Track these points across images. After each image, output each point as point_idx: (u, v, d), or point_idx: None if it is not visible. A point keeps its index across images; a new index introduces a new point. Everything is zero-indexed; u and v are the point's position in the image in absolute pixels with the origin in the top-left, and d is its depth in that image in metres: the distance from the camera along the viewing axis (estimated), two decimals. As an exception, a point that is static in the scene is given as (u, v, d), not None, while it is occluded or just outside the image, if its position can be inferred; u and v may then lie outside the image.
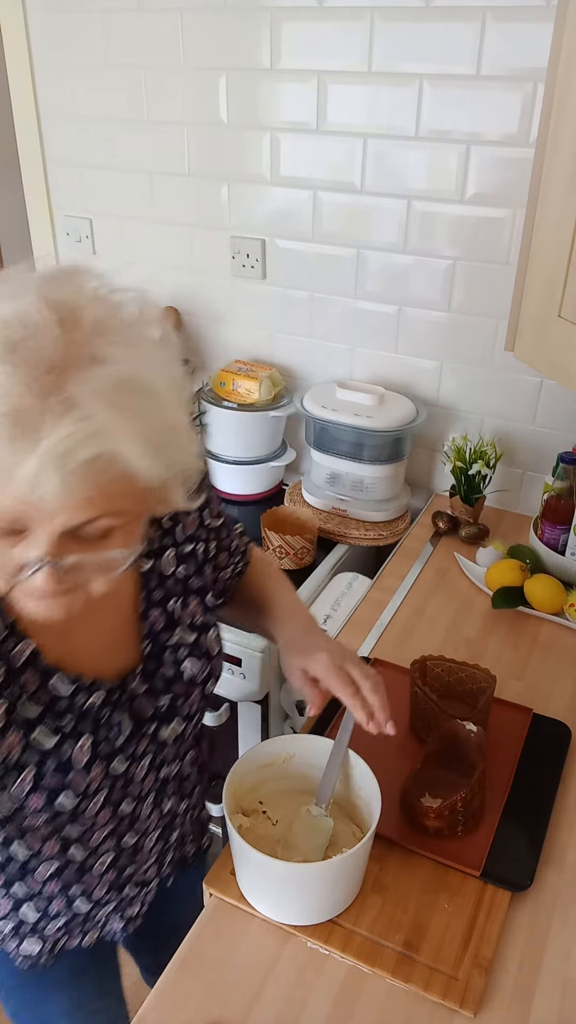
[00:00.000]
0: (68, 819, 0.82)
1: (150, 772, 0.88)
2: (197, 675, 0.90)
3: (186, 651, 0.89)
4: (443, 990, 0.85)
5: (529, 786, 1.08)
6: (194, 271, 1.92)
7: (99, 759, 0.81)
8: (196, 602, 0.92)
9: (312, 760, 0.98)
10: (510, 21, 1.38)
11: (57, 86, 1.88)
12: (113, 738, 0.83)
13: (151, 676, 0.87)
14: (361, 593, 1.52)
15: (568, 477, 1.47)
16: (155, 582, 0.88)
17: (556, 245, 1.12)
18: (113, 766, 0.83)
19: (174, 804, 0.97)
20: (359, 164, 1.62)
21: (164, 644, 0.88)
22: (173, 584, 0.90)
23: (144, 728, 0.86)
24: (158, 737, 0.87)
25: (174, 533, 0.92)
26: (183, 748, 0.94)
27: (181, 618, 0.90)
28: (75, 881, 0.91)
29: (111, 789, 0.84)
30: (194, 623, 0.91)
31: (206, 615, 0.93)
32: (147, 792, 0.90)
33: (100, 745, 0.81)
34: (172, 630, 0.89)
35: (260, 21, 1.58)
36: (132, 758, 0.85)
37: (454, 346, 1.70)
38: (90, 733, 0.80)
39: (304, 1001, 0.86)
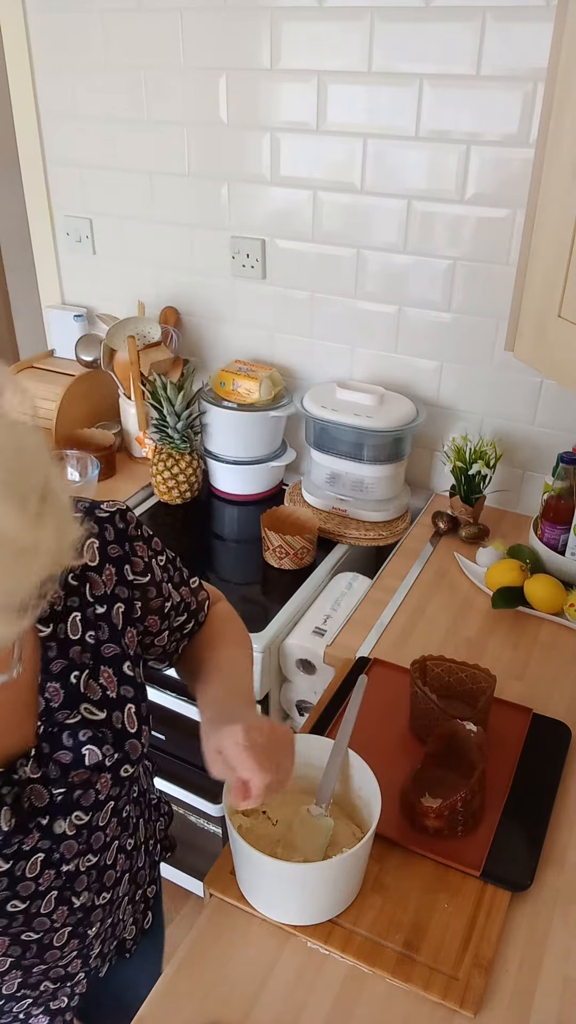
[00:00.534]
0: None
1: (46, 869, 0.77)
2: (103, 761, 0.78)
3: (88, 733, 0.77)
4: (443, 990, 0.85)
5: (529, 786, 1.08)
6: (194, 271, 1.92)
7: None
8: (109, 673, 0.79)
9: (312, 760, 0.98)
10: (510, 21, 1.39)
11: (57, 86, 1.88)
12: None
13: (45, 761, 0.75)
14: (361, 593, 1.53)
15: (568, 477, 1.47)
16: (54, 651, 0.76)
17: (556, 245, 1.12)
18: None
19: (88, 899, 0.84)
20: (359, 164, 1.62)
21: (62, 723, 0.76)
22: (78, 653, 0.78)
23: (34, 821, 0.75)
24: (51, 831, 0.76)
25: (82, 592, 0.79)
26: (99, 838, 0.82)
27: (90, 690, 0.78)
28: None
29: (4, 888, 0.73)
30: (106, 696, 0.79)
31: (121, 688, 0.80)
32: (45, 890, 0.78)
33: None
34: (73, 707, 0.77)
35: (260, 21, 1.58)
36: (15, 856, 0.74)
37: (454, 346, 1.70)
38: None
39: (304, 1001, 0.86)
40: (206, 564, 1.66)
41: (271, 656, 1.45)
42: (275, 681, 1.51)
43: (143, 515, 1.82)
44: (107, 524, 0.82)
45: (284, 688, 1.53)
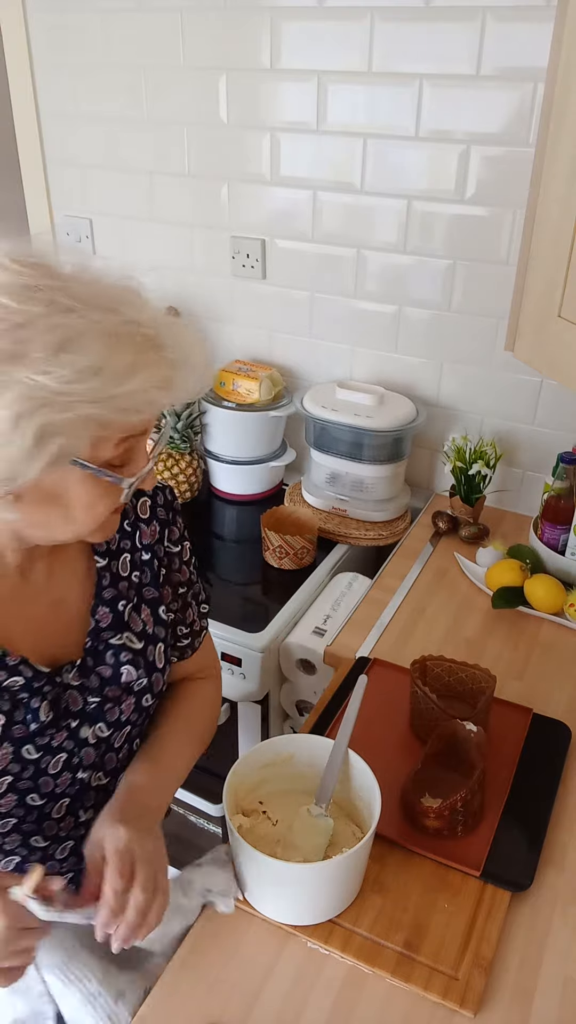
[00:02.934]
0: None
1: (65, 771, 0.86)
2: (133, 683, 0.89)
3: (128, 656, 0.88)
4: (443, 990, 0.85)
5: (529, 786, 1.08)
6: (194, 271, 1.92)
7: (9, 740, 0.80)
8: (148, 612, 0.92)
9: (312, 760, 0.98)
10: (510, 21, 1.38)
11: (57, 86, 1.88)
12: (27, 723, 0.81)
13: (87, 672, 0.86)
14: (361, 593, 1.52)
15: (568, 477, 1.47)
16: (108, 580, 0.89)
17: (556, 245, 1.12)
18: (23, 751, 0.81)
19: (92, 818, 0.89)
20: (359, 164, 1.62)
21: (107, 642, 0.88)
22: (127, 587, 0.90)
23: (64, 721, 0.85)
24: (78, 735, 0.86)
25: (133, 537, 0.92)
26: (111, 760, 0.91)
27: (132, 621, 0.90)
28: None
29: (17, 776, 0.82)
30: (144, 631, 0.91)
31: (156, 628, 0.92)
32: (60, 793, 0.87)
33: (14, 727, 0.81)
34: (118, 631, 0.89)
35: (260, 21, 1.58)
36: (45, 749, 0.83)
37: (454, 346, 1.70)
38: (5, 711, 0.80)
39: (304, 1001, 0.86)
40: (206, 564, 1.66)
41: (271, 656, 1.45)
42: (275, 681, 1.51)
43: (143, 515, 1.82)
44: (159, 491, 0.96)
45: (284, 688, 1.53)
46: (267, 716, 1.53)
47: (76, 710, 0.86)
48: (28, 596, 0.83)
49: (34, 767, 0.83)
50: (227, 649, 1.44)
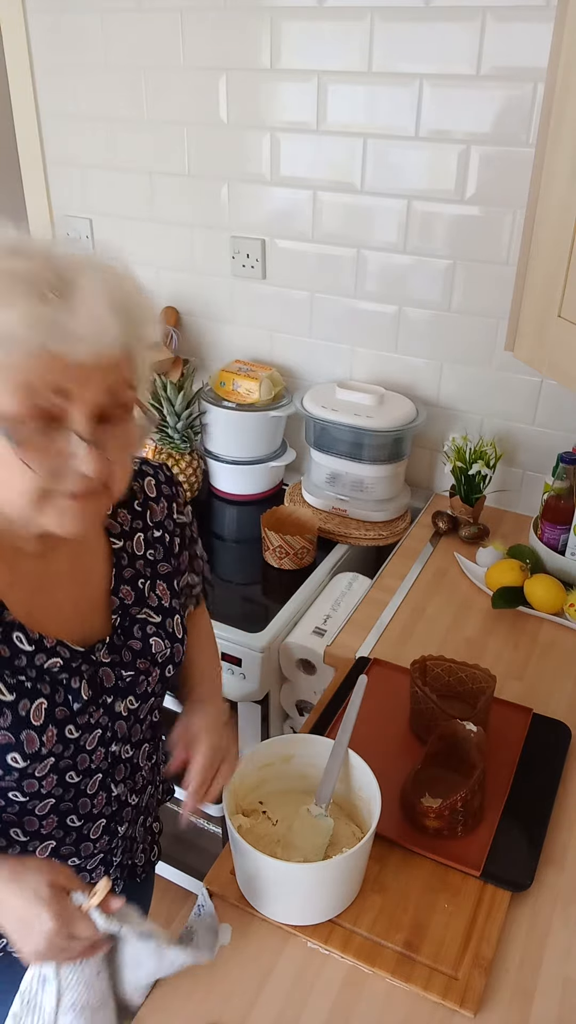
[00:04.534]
0: (14, 784, 0.80)
1: (99, 746, 0.88)
2: (160, 653, 0.92)
3: (153, 628, 0.92)
4: (443, 990, 0.85)
5: (529, 786, 1.08)
6: (194, 271, 1.92)
7: (53, 722, 0.81)
8: (164, 586, 0.95)
9: (312, 760, 0.98)
10: (510, 21, 1.39)
11: (57, 86, 1.88)
12: (69, 703, 0.83)
13: (118, 649, 0.89)
14: (361, 593, 1.52)
15: (568, 477, 1.47)
16: (126, 560, 0.92)
17: (556, 245, 1.12)
18: (66, 731, 0.83)
19: (123, 792, 0.95)
20: (359, 164, 1.62)
21: (134, 617, 0.91)
22: (143, 566, 0.94)
23: (101, 698, 0.87)
24: (113, 709, 0.88)
25: (144, 517, 0.96)
26: (136, 732, 0.94)
27: (150, 598, 0.93)
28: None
29: (60, 756, 0.83)
30: (161, 605, 0.94)
31: (172, 601, 0.96)
32: (95, 768, 0.89)
33: (56, 708, 0.82)
34: (141, 606, 0.92)
35: (260, 21, 1.58)
36: (85, 727, 0.85)
37: (454, 346, 1.70)
38: (47, 695, 0.81)
39: (304, 1001, 0.86)
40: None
41: (271, 656, 1.45)
42: (275, 681, 1.51)
43: (143, 515, 1.82)
44: (159, 469, 1.00)
45: (284, 688, 1.53)
46: (267, 716, 1.53)
47: (110, 686, 0.88)
48: (53, 581, 0.85)
49: (74, 746, 0.84)
50: (227, 649, 1.44)
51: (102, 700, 0.87)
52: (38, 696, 0.80)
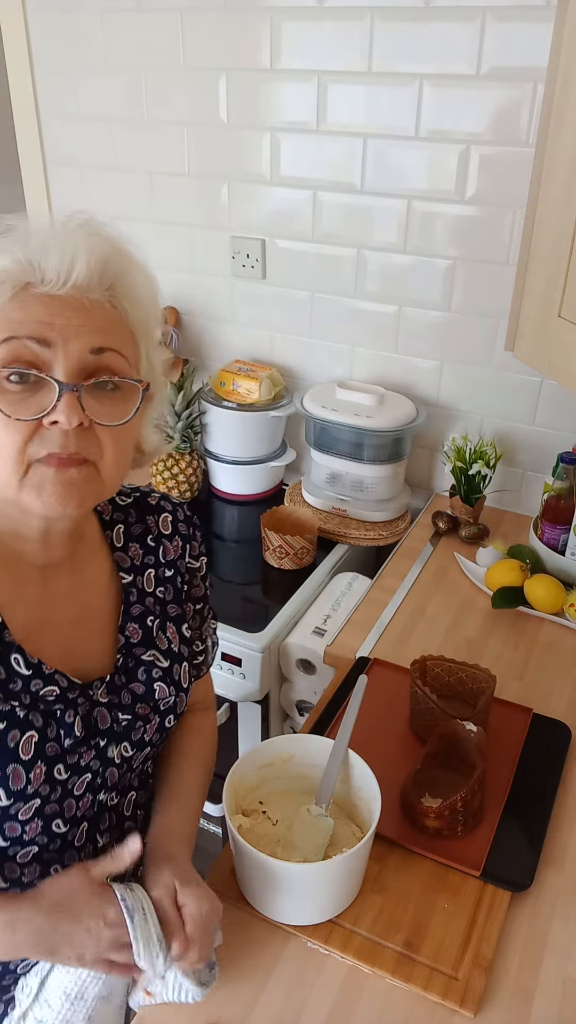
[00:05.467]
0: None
1: (88, 792, 0.82)
2: (162, 701, 0.88)
3: (160, 673, 0.88)
4: (443, 990, 0.85)
5: (529, 786, 1.08)
6: (194, 271, 1.92)
7: (42, 758, 0.77)
8: (173, 629, 0.91)
9: (312, 760, 0.98)
10: (510, 21, 1.39)
11: (57, 86, 1.88)
12: (60, 739, 0.79)
13: (118, 690, 0.85)
14: (361, 593, 1.52)
15: (568, 477, 1.47)
16: (135, 596, 0.89)
17: (556, 245, 1.12)
18: (55, 770, 0.78)
19: (108, 842, 0.88)
20: (359, 164, 1.62)
21: (139, 658, 0.87)
22: (152, 603, 0.90)
23: (94, 739, 0.82)
24: (106, 754, 0.83)
25: (157, 553, 0.92)
26: (125, 780, 0.88)
27: (158, 639, 0.89)
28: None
29: (46, 799, 0.78)
30: (171, 649, 0.90)
31: (181, 646, 0.91)
32: (81, 816, 0.83)
33: (47, 744, 0.77)
34: (148, 648, 0.88)
35: (260, 21, 1.58)
36: (74, 769, 0.80)
37: (454, 346, 1.70)
38: (38, 727, 0.77)
39: (304, 1001, 0.86)
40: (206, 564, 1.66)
41: (271, 656, 1.45)
42: (275, 681, 1.51)
43: (143, 515, 1.82)
44: (178, 507, 0.97)
45: (284, 688, 1.53)
46: (267, 716, 1.53)
47: (104, 728, 0.83)
48: (52, 605, 0.81)
49: (62, 788, 0.79)
50: (227, 649, 1.44)
51: (94, 742, 0.82)
52: (29, 728, 0.76)
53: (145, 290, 0.79)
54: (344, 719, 1.00)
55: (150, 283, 0.80)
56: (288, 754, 0.99)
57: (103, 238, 0.77)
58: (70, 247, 0.72)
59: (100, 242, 0.76)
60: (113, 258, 0.76)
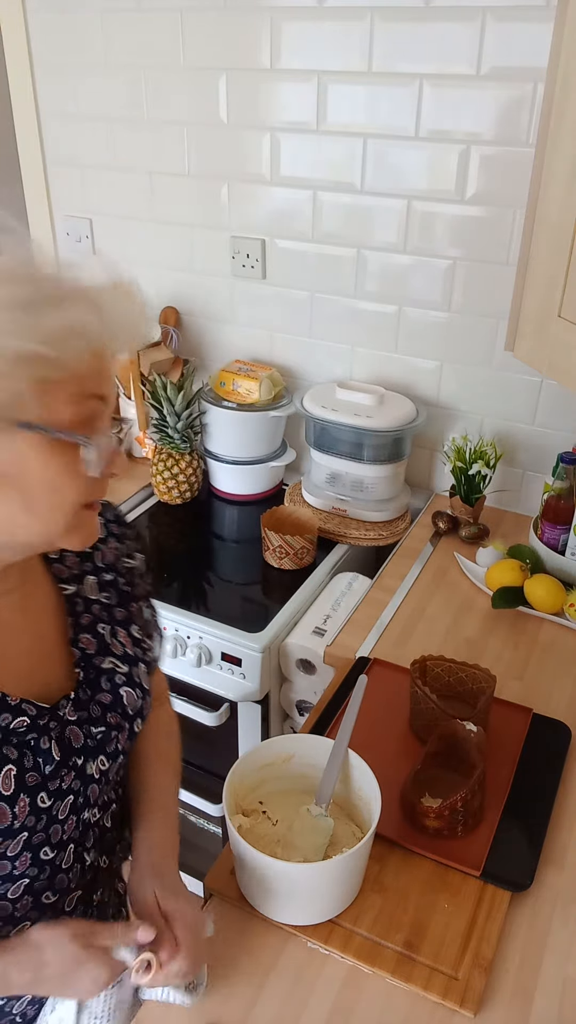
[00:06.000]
0: None
1: (71, 814, 0.80)
2: (131, 706, 0.85)
3: (123, 679, 0.85)
4: (443, 990, 0.85)
5: (529, 786, 1.08)
6: (194, 271, 1.92)
7: (24, 790, 0.74)
8: (124, 633, 0.88)
9: (312, 760, 0.98)
10: (510, 21, 1.38)
11: (57, 86, 1.88)
12: (39, 768, 0.76)
13: (85, 704, 0.82)
14: (361, 593, 1.52)
15: (568, 477, 1.47)
16: (81, 606, 0.85)
17: (556, 245, 1.12)
18: (38, 799, 0.75)
19: (95, 858, 0.87)
20: (359, 164, 1.62)
21: (99, 668, 0.84)
22: (99, 610, 0.87)
23: (71, 760, 0.79)
24: (85, 772, 0.80)
25: (93, 559, 0.89)
26: (105, 794, 0.87)
27: (113, 645, 0.86)
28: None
29: (33, 830, 0.76)
30: (127, 654, 0.87)
31: (135, 649, 0.88)
32: (67, 839, 0.81)
33: (27, 774, 0.74)
34: (105, 655, 0.85)
35: (260, 21, 1.58)
36: (56, 794, 0.77)
37: (454, 346, 1.70)
38: (14, 760, 0.74)
39: (304, 1001, 0.86)
40: (206, 564, 1.66)
41: (271, 656, 1.45)
42: (275, 681, 1.51)
43: (143, 515, 1.82)
44: (106, 508, 0.94)
45: (284, 688, 1.53)
46: (267, 716, 1.53)
47: (79, 746, 0.80)
48: (7, 636, 0.78)
49: (47, 816, 0.77)
50: (227, 649, 1.44)
51: (71, 762, 0.79)
52: (6, 763, 0.73)
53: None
54: (344, 719, 1.00)
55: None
56: (288, 754, 0.99)
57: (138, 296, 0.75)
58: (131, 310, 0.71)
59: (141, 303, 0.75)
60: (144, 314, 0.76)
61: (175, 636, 1.48)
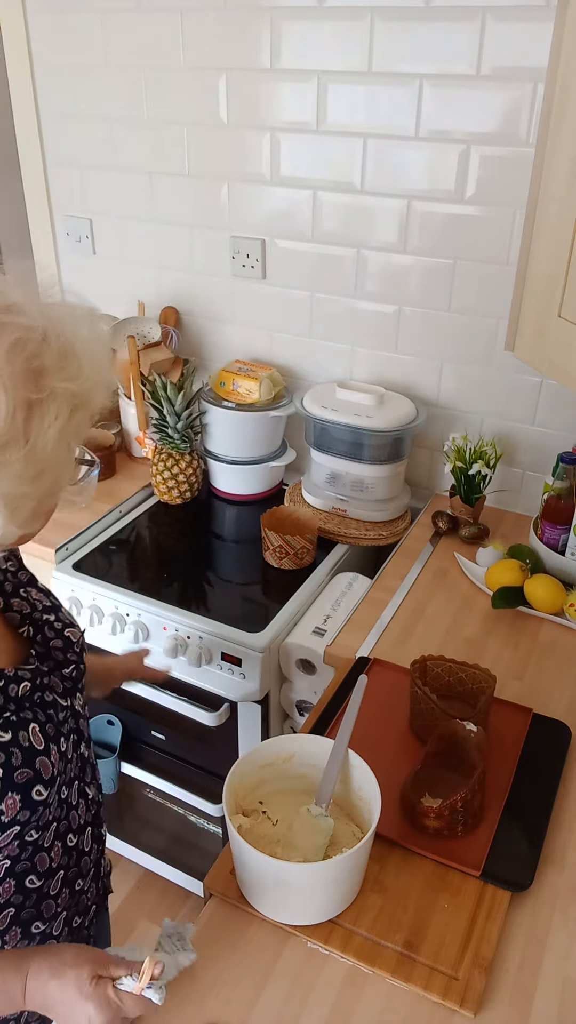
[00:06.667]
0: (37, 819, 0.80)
1: (73, 751, 0.89)
2: (78, 642, 0.93)
3: (60, 624, 0.92)
4: (443, 990, 0.85)
5: (529, 786, 1.08)
6: (194, 271, 1.92)
7: (50, 739, 0.82)
8: (35, 590, 0.93)
9: (312, 760, 0.98)
10: (510, 21, 1.38)
11: (57, 86, 1.88)
12: (53, 717, 0.84)
13: (47, 656, 0.89)
14: (361, 593, 1.52)
15: (568, 477, 1.47)
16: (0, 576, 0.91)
17: (556, 245, 1.12)
18: (60, 745, 0.84)
19: (94, 793, 0.97)
20: (359, 164, 1.62)
21: (39, 622, 0.90)
22: (12, 577, 0.92)
23: (64, 702, 0.88)
24: (74, 710, 0.89)
25: None
26: (85, 730, 0.95)
27: (38, 598, 0.93)
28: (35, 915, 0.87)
29: (63, 774, 0.85)
30: (47, 605, 0.93)
31: (48, 598, 0.94)
32: (74, 776, 0.90)
33: (47, 726, 0.82)
34: (33, 609, 0.91)
35: (260, 21, 1.58)
36: (67, 735, 0.86)
37: (454, 346, 1.70)
38: (33, 718, 0.81)
39: (304, 1001, 0.86)
40: (206, 564, 1.66)
41: (271, 656, 1.45)
42: (275, 681, 1.51)
43: (143, 515, 1.82)
44: None
45: (284, 688, 1.53)
46: (267, 716, 1.53)
47: (62, 690, 0.88)
48: None
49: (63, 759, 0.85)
50: (227, 649, 1.44)
51: (67, 705, 0.88)
52: (31, 722, 0.80)
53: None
54: (344, 719, 1.00)
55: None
56: (288, 754, 0.99)
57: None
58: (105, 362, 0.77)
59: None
60: None
61: (175, 636, 1.48)
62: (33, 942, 0.88)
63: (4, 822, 0.76)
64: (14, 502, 0.68)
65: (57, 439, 0.68)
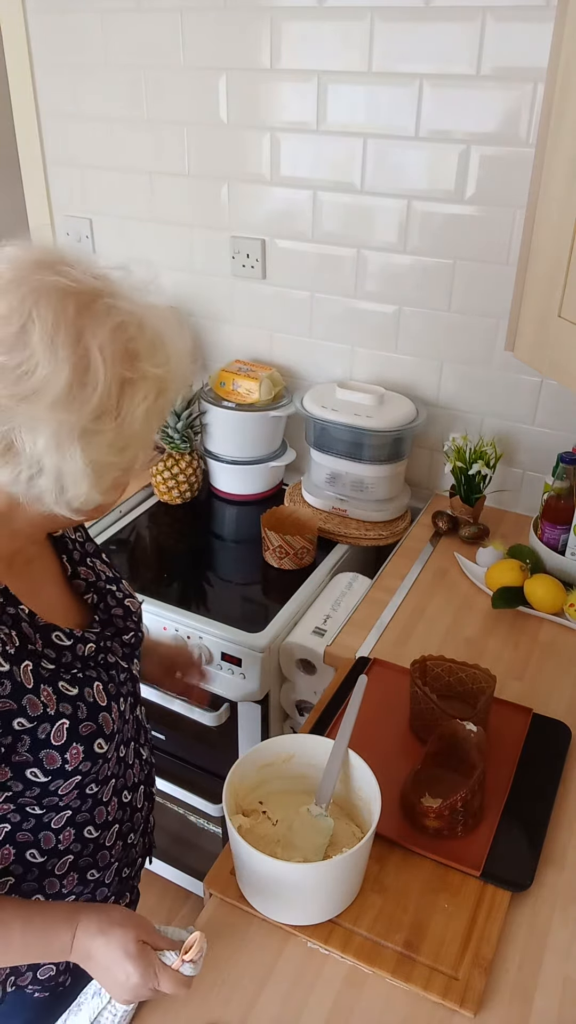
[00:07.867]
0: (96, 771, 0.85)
1: (130, 713, 0.94)
2: (137, 612, 1.00)
3: (122, 594, 0.99)
4: (443, 990, 0.85)
5: (529, 786, 1.08)
6: (194, 271, 1.92)
7: (111, 698, 0.87)
8: (99, 562, 1.00)
9: (312, 760, 0.98)
10: (510, 21, 1.38)
11: (57, 86, 1.88)
12: (115, 678, 0.89)
13: (109, 622, 0.95)
14: (361, 593, 1.52)
15: (568, 477, 1.47)
16: (69, 546, 0.97)
17: (556, 245, 1.12)
18: (120, 704, 0.89)
19: (147, 754, 1.03)
20: (359, 164, 1.62)
21: (102, 590, 0.96)
22: (80, 547, 0.98)
23: (126, 664, 0.93)
24: (132, 674, 0.95)
25: None
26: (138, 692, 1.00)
27: (102, 569, 0.99)
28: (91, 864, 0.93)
29: (122, 732, 0.90)
30: (109, 576, 0.99)
31: (111, 570, 1.01)
32: (130, 737, 0.96)
33: (109, 685, 0.88)
34: (98, 579, 0.97)
35: (260, 21, 1.58)
36: (125, 697, 0.91)
37: (454, 346, 1.70)
38: (97, 677, 0.87)
39: (304, 1001, 0.86)
40: (206, 564, 1.66)
41: (271, 656, 1.45)
42: (275, 681, 1.51)
43: (143, 515, 1.82)
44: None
45: (284, 688, 1.53)
46: (267, 716, 1.53)
47: (122, 654, 0.93)
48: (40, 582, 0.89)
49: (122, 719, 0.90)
50: (227, 649, 1.44)
51: (127, 669, 0.93)
52: (95, 680, 0.86)
53: None
54: (344, 719, 1.00)
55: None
56: (288, 754, 0.99)
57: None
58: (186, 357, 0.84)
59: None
60: None
61: (175, 636, 1.48)
62: (87, 888, 0.94)
63: (68, 771, 0.81)
64: (101, 469, 0.73)
65: (144, 418, 0.74)
